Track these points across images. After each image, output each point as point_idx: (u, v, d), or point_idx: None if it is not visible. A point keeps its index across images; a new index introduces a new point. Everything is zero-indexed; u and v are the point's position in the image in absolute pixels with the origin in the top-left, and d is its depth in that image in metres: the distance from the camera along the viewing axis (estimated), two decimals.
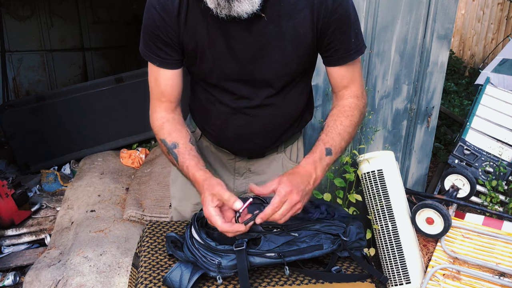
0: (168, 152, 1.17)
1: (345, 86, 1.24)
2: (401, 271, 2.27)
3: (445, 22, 2.58)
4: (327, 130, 1.17)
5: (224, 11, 1.02)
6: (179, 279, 1.03)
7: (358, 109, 1.22)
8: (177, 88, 1.22)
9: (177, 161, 1.15)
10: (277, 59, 1.15)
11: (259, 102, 1.22)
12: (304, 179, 1.05)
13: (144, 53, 1.18)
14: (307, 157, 1.11)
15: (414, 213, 2.29)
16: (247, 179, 1.43)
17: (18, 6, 5.13)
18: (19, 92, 5.32)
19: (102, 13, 5.82)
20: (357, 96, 1.24)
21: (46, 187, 3.41)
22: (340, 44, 1.16)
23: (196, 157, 1.14)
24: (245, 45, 1.12)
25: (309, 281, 1.10)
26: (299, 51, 1.16)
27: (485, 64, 6.50)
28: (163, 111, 1.22)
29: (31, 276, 2.26)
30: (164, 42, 1.14)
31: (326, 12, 1.10)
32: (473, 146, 2.99)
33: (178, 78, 1.21)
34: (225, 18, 1.04)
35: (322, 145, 1.13)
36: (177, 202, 1.49)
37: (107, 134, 3.89)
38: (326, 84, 2.41)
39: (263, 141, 1.33)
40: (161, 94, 1.21)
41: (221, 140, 1.36)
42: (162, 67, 1.18)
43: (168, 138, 1.18)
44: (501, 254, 2.19)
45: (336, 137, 1.15)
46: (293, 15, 1.10)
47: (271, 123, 1.28)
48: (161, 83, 1.20)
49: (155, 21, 1.11)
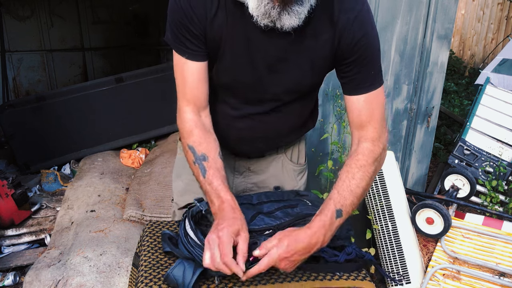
0: (195, 162, 1.11)
1: (362, 125, 1.15)
2: (401, 271, 2.27)
3: (445, 22, 2.58)
4: (339, 186, 1.09)
5: (266, 21, 1.00)
6: (182, 274, 1.03)
7: (372, 157, 1.12)
8: (204, 83, 1.17)
9: (204, 175, 1.09)
10: (292, 75, 1.14)
11: (265, 109, 1.22)
12: (306, 249, 1.02)
13: (173, 43, 1.13)
14: (318, 220, 1.04)
15: (414, 213, 2.29)
16: (247, 178, 1.44)
17: (18, 6, 5.13)
18: (19, 92, 5.32)
19: (102, 13, 5.82)
20: (372, 140, 1.14)
21: (46, 187, 3.41)
22: (358, 74, 1.12)
23: (225, 178, 1.10)
24: (265, 55, 1.11)
25: (307, 278, 1.11)
26: (314, 72, 1.15)
27: (485, 64, 6.50)
28: (192, 112, 1.16)
29: (31, 276, 2.26)
30: (193, 34, 1.10)
31: (349, 39, 1.07)
32: (473, 146, 2.99)
33: (205, 72, 1.16)
34: (263, 28, 1.02)
35: (333, 207, 1.06)
36: (179, 196, 1.48)
37: (107, 134, 3.89)
38: (326, 84, 2.41)
39: (264, 146, 1.35)
40: (188, 91, 1.15)
41: (222, 141, 1.36)
42: (191, 59, 1.13)
43: (198, 148, 1.12)
44: (501, 254, 2.19)
45: (348, 195, 1.08)
46: (316, 37, 1.09)
47: (274, 130, 1.29)
48: (188, 78, 1.15)
49: (184, 12, 1.07)
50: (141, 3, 5.86)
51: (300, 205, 1.21)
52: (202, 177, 1.10)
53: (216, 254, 0.95)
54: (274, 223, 1.10)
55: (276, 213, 1.15)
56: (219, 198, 1.05)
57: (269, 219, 1.11)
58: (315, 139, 2.51)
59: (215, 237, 0.97)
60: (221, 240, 0.96)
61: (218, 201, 1.05)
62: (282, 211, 1.15)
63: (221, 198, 1.05)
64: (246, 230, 1.01)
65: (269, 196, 1.27)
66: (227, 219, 1.00)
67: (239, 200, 1.21)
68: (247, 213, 1.13)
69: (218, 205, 1.05)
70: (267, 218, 1.12)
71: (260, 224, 1.10)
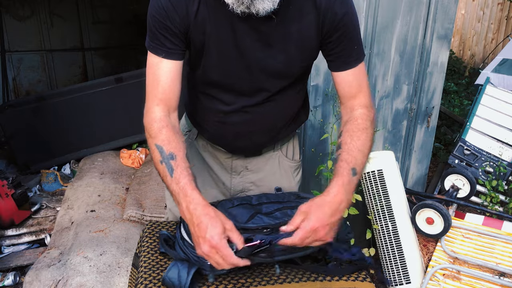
0: (161, 161, 1.07)
1: (353, 95, 1.22)
2: (401, 271, 2.27)
3: (445, 22, 2.58)
4: (347, 148, 1.12)
5: (242, 7, 1.02)
6: (177, 276, 1.03)
7: (370, 120, 1.20)
8: (177, 84, 1.15)
9: (171, 174, 1.04)
10: (280, 60, 1.16)
11: (259, 100, 1.23)
12: (334, 210, 1.02)
13: (149, 44, 1.14)
14: (336, 181, 1.06)
15: (414, 213, 2.29)
16: (244, 177, 1.44)
17: (18, 6, 5.13)
18: (19, 92, 5.32)
19: (102, 13, 5.82)
20: (366, 106, 1.22)
21: (46, 187, 3.41)
22: (343, 51, 1.18)
23: (193, 178, 1.05)
24: (251, 44, 1.12)
25: (307, 279, 1.11)
26: (303, 54, 1.18)
27: (485, 64, 6.50)
28: (161, 112, 1.14)
29: (31, 276, 2.26)
30: (172, 33, 1.11)
31: (333, 18, 1.12)
32: (473, 146, 2.99)
33: (179, 72, 1.15)
34: (240, 15, 1.04)
35: (347, 166, 1.08)
36: (172, 203, 1.48)
37: (107, 134, 3.88)
38: (326, 84, 2.42)
39: (260, 139, 1.34)
40: (161, 90, 1.14)
41: (218, 138, 1.36)
42: (167, 58, 1.13)
43: (167, 147, 1.07)
44: (501, 254, 2.19)
45: (358, 154, 1.11)
46: (300, 19, 1.12)
47: (269, 121, 1.30)
48: (161, 77, 1.13)
49: (165, 11, 1.08)
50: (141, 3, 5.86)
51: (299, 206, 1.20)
52: (169, 176, 1.04)
53: (220, 261, 0.94)
54: (274, 222, 1.10)
55: (276, 213, 1.15)
56: (186, 198, 1.00)
57: (268, 219, 1.11)
58: (315, 139, 2.51)
59: (208, 247, 0.94)
60: (218, 248, 0.94)
61: (185, 202, 1.00)
62: (282, 212, 1.15)
63: (188, 198, 1.00)
64: (226, 219, 0.99)
65: (269, 197, 1.27)
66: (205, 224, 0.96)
67: (239, 201, 1.21)
68: (245, 212, 1.13)
69: (186, 206, 1.00)
70: (266, 218, 1.12)
71: (259, 223, 1.09)
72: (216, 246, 0.93)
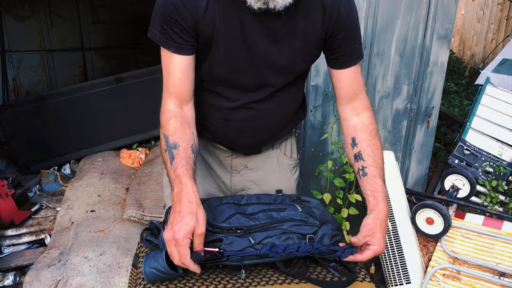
0: (166, 150, 1.11)
1: (355, 94, 1.27)
2: (401, 271, 2.27)
3: (445, 22, 2.58)
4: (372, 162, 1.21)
5: (259, 3, 1.05)
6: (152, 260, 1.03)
7: (374, 121, 1.27)
8: (188, 77, 1.18)
9: (171, 162, 1.08)
10: (287, 56, 1.18)
11: (263, 96, 1.24)
12: (385, 224, 1.15)
13: (159, 39, 1.14)
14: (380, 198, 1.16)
15: (414, 213, 2.29)
16: (244, 175, 1.44)
17: (18, 6, 5.13)
18: (19, 92, 5.32)
19: (102, 13, 5.83)
20: (367, 107, 1.28)
21: (46, 187, 3.41)
22: (346, 49, 1.22)
23: (192, 168, 1.08)
24: (259, 39, 1.14)
25: (299, 281, 1.10)
26: (307, 51, 1.20)
27: (485, 64, 6.50)
28: (173, 104, 1.17)
29: (31, 276, 2.26)
30: (181, 28, 1.12)
31: (338, 17, 1.16)
32: (473, 146, 2.99)
33: (191, 66, 1.17)
34: (255, 11, 1.07)
35: (380, 181, 1.18)
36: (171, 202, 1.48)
37: (107, 134, 3.89)
38: (326, 84, 2.42)
39: (263, 136, 1.36)
40: (171, 84, 1.16)
41: (221, 135, 1.36)
42: (177, 52, 1.14)
43: (172, 137, 1.11)
44: (501, 254, 2.19)
45: (382, 164, 1.22)
46: (307, 15, 1.15)
47: (272, 118, 1.32)
48: (172, 71, 1.16)
49: (174, 5, 1.09)
50: (141, 3, 5.86)
51: (288, 209, 1.19)
52: (169, 164, 1.08)
53: (174, 255, 0.97)
54: (248, 224, 1.09)
55: (259, 215, 1.14)
56: (179, 185, 1.03)
57: (245, 219, 1.11)
58: (315, 139, 2.51)
59: (171, 237, 0.97)
60: (178, 243, 0.96)
61: (177, 188, 1.03)
62: (265, 214, 1.15)
63: (181, 185, 1.02)
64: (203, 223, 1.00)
65: (260, 198, 1.26)
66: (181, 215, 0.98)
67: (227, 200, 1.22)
68: (227, 212, 1.14)
69: (177, 192, 1.02)
70: (244, 218, 1.11)
71: (234, 223, 1.09)
72: (177, 240, 0.96)
